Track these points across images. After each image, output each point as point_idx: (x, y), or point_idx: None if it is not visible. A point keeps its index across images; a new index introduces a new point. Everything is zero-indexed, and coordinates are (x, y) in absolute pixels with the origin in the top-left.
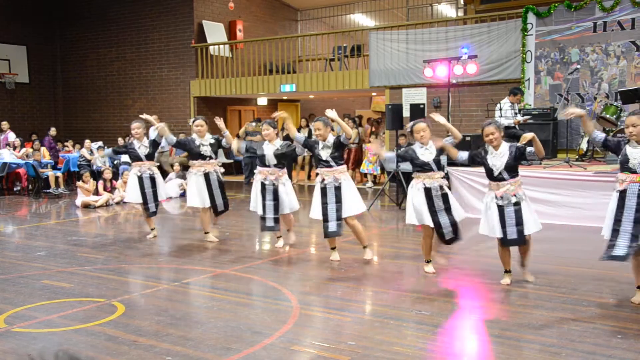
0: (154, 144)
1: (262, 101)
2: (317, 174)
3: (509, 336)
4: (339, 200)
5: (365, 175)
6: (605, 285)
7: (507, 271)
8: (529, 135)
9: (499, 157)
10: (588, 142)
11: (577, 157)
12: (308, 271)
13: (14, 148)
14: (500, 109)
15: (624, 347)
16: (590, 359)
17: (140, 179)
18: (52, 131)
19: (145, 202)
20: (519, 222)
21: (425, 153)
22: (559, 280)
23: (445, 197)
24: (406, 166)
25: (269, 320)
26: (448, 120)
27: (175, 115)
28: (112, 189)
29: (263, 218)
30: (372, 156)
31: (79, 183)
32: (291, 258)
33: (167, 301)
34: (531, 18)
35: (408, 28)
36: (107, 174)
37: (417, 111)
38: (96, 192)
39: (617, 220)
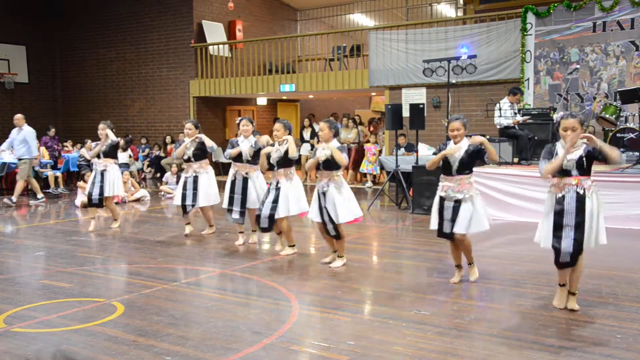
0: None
1: (262, 101)
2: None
3: (509, 336)
4: (275, 200)
5: (365, 175)
6: (604, 284)
7: (457, 266)
8: (477, 139)
9: (457, 152)
10: None
11: None
12: (307, 271)
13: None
14: (500, 109)
15: (623, 347)
16: (590, 359)
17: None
18: (51, 132)
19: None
20: (454, 218)
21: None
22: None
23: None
24: (405, 166)
25: (268, 320)
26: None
27: (175, 115)
28: None
29: (229, 210)
30: (372, 156)
31: (80, 183)
32: (291, 258)
33: (166, 301)
34: (530, 18)
35: (407, 28)
36: None
37: (417, 111)
38: None
39: (558, 225)
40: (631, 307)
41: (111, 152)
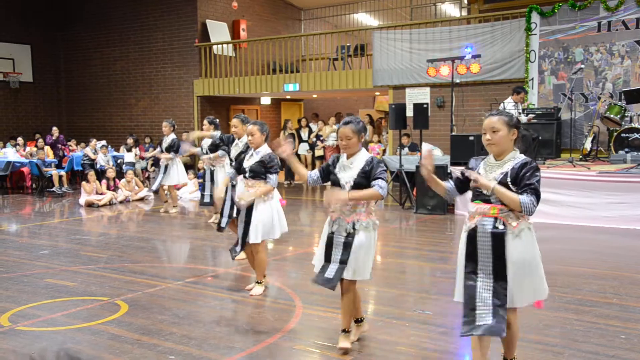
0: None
1: (266, 100)
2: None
3: None
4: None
5: None
6: (608, 285)
7: (344, 331)
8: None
9: (348, 168)
10: (592, 141)
11: (580, 156)
12: (311, 270)
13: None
14: (504, 109)
15: (627, 347)
16: (594, 359)
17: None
18: (55, 131)
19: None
20: (343, 260)
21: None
22: (562, 280)
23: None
24: (409, 165)
25: (271, 319)
26: (451, 119)
27: (179, 114)
28: (115, 188)
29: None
30: (376, 155)
31: (84, 183)
32: (294, 257)
33: (170, 300)
34: (535, 17)
35: (412, 27)
36: (111, 173)
37: (421, 111)
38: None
39: (471, 273)
40: (635, 307)
41: (173, 148)
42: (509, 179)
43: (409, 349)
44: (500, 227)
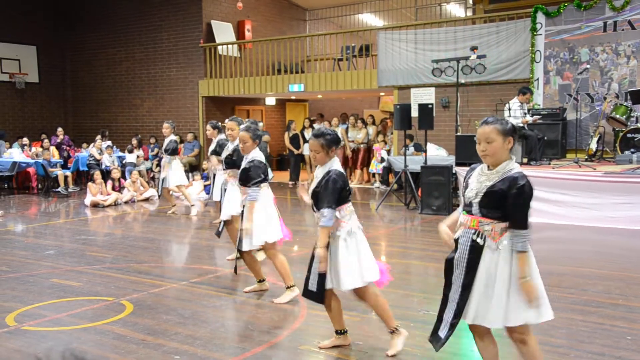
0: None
1: (271, 101)
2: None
3: None
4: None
5: (374, 175)
6: (614, 286)
7: (337, 332)
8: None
9: (316, 179)
10: (598, 142)
11: (586, 157)
12: None
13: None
14: (509, 109)
15: (633, 348)
16: None
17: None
18: (60, 132)
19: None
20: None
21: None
22: (568, 280)
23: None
24: (414, 166)
25: (276, 319)
26: (457, 120)
27: (184, 115)
28: (120, 189)
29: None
30: (381, 156)
31: (90, 184)
32: (299, 257)
33: (175, 300)
34: (540, 18)
35: (417, 28)
36: (116, 174)
37: (426, 111)
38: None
39: (447, 284)
40: None
41: (174, 150)
42: (486, 195)
43: (414, 349)
44: (479, 240)
